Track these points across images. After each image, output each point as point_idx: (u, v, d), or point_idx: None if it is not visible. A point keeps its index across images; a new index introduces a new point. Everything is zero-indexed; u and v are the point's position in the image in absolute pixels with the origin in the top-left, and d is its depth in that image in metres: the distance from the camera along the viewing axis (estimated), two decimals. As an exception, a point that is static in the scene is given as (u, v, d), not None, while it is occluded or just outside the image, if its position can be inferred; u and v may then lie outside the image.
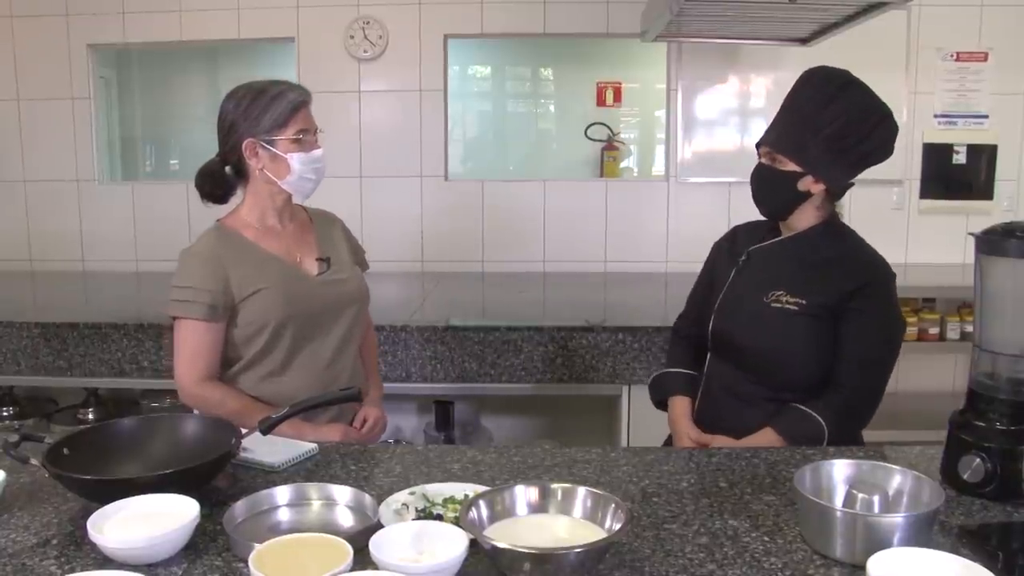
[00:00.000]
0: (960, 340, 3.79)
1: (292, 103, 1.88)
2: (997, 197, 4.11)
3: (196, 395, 1.87)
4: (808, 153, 1.78)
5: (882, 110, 1.79)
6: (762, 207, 1.90)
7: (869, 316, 1.80)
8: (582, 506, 1.29)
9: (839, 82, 1.81)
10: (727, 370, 1.94)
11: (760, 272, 1.91)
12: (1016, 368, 1.48)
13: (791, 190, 1.81)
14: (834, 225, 1.89)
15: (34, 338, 2.87)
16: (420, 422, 3.12)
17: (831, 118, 1.76)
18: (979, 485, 1.44)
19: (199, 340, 1.85)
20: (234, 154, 1.90)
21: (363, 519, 1.37)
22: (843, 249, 1.86)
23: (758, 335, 1.86)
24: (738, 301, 1.92)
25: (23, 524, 1.35)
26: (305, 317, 1.92)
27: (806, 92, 1.82)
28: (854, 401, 1.81)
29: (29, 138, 4.21)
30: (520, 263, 4.13)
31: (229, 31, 4.09)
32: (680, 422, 1.98)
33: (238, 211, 1.98)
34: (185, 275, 1.87)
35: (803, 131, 1.79)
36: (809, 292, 1.81)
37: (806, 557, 1.24)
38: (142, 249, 4.21)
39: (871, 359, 1.82)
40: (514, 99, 6.06)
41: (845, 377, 1.80)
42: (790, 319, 1.82)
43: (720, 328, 1.94)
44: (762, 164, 1.86)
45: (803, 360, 1.83)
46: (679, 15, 2.92)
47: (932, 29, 3.99)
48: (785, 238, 1.91)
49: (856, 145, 1.78)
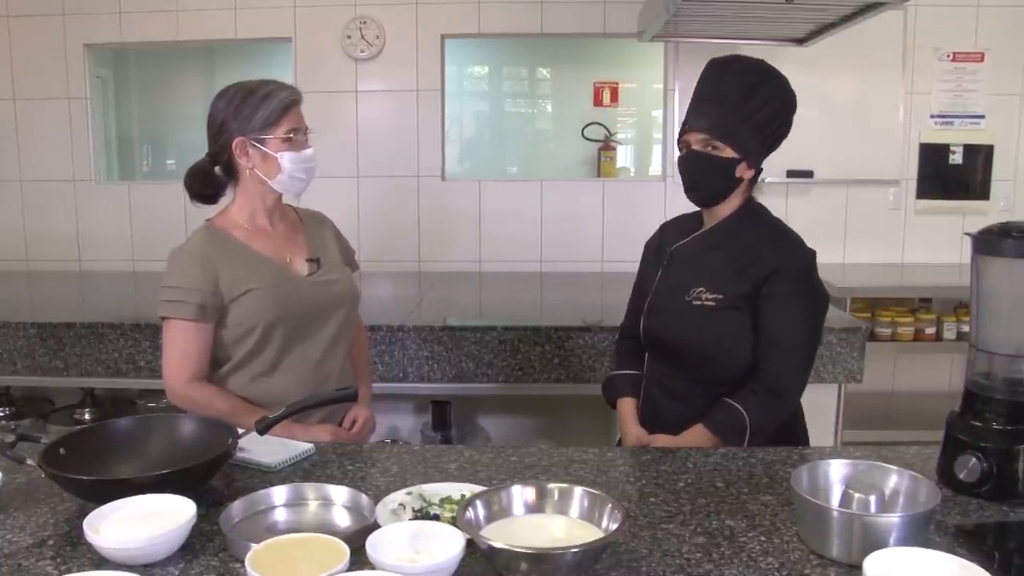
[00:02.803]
0: (957, 340, 3.80)
1: (283, 102, 1.87)
2: (993, 197, 4.13)
3: (184, 396, 1.85)
4: (742, 139, 1.81)
5: (794, 100, 1.85)
6: (698, 194, 1.88)
7: (782, 299, 1.80)
8: (579, 506, 1.29)
9: (759, 70, 1.84)
10: (663, 369, 1.96)
11: (682, 270, 1.93)
12: (1012, 368, 1.48)
13: (729, 177, 1.82)
14: (752, 208, 1.90)
15: (30, 338, 2.86)
16: (417, 422, 3.12)
17: (757, 106, 1.79)
18: (975, 485, 1.44)
19: (188, 340, 1.84)
20: (224, 153, 1.89)
21: (360, 519, 1.36)
22: (758, 236, 1.87)
23: (683, 333, 1.89)
24: (664, 300, 1.95)
25: (19, 524, 1.34)
26: (295, 318, 1.92)
27: (727, 80, 1.83)
28: (774, 385, 1.82)
29: (26, 138, 4.20)
30: (517, 263, 4.13)
31: (226, 31, 4.08)
32: (626, 423, 2.01)
33: (228, 211, 1.97)
34: (174, 275, 1.86)
35: (735, 118, 1.80)
36: (727, 286, 1.83)
37: (803, 557, 1.24)
38: (139, 249, 4.21)
39: (788, 342, 1.82)
40: (511, 99, 6.06)
41: (764, 361, 1.81)
42: (710, 315, 1.84)
43: (650, 328, 1.97)
44: (697, 152, 1.83)
45: (731, 354, 1.84)
46: (676, 15, 2.93)
47: (928, 29, 4.00)
48: (706, 231, 1.92)
49: (777, 131, 1.83)
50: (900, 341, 3.81)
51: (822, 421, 2.74)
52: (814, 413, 2.72)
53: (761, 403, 1.80)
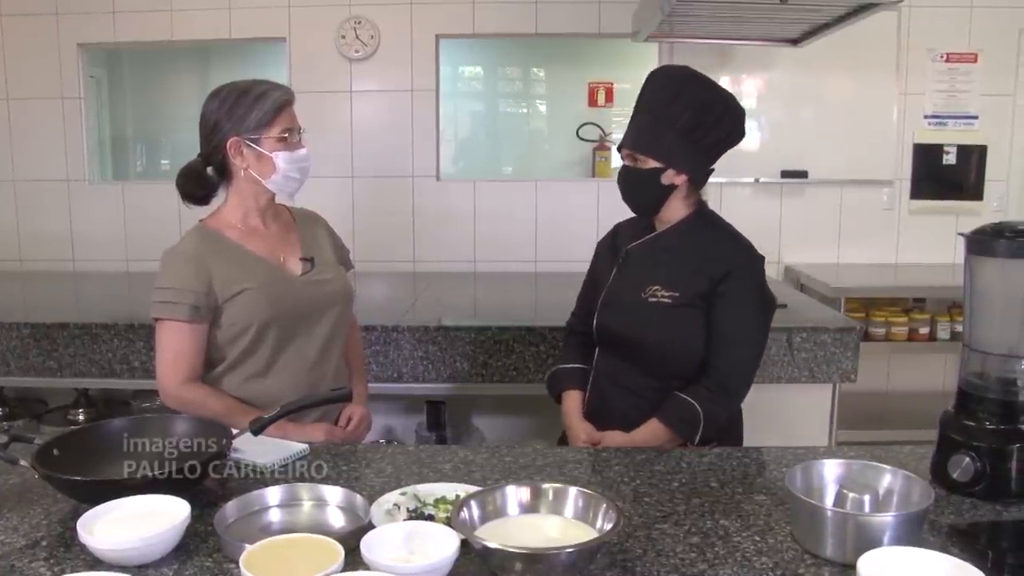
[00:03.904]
0: (950, 340, 3.81)
1: (277, 102, 1.87)
2: (987, 197, 4.14)
3: (178, 397, 1.85)
4: (665, 148, 1.87)
5: (724, 99, 1.89)
6: (632, 205, 1.99)
7: (734, 298, 1.88)
8: (573, 506, 1.29)
9: (681, 77, 1.90)
10: (615, 363, 2.00)
11: (638, 269, 1.98)
12: (1005, 368, 1.49)
13: (656, 185, 1.89)
14: (704, 215, 1.98)
15: (24, 338, 2.85)
16: (411, 422, 3.11)
17: (679, 112, 1.84)
18: (969, 484, 1.45)
19: (182, 341, 1.84)
20: (218, 154, 1.89)
21: (354, 519, 1.36)
22: (712, 238, 1.95)
23: (639, 329, 1.94)
24: (619, 297, 1.99)
25: (12, 526, 1.34)
26: (289, 317, 1.91)
27: (653, 91, 1.91)
28: (724, 379, 1.88)
29: (19, 138, 4.18)
30: (512, 263, 4.13)
31: (220, 31, 4.08)
32: (571, 418, 2.04)
33: (221, 211, 1.97)
34: (168, 276, 1.86)
35: (657, 128, 1.87)
36: (683, 284, 1.89)
37: (797, 556, 1.25)
38: (132, 249, 4.19)
39: (738, 337, 1.89)
40: (506, 99, 6.06)
41: (715, 358, 1.88)
42: (667, 312, 1.89)
43: (604, 324, 2.01)
44: (625, 166, 1.94)
45: (685, 349, 1.90)
46: (671, 15, 2.93)
47: (922, 30, 4.01)
48: (659, 234, 1.99)
49: (707, 135, 1.87)
50: (894, 341, 3.82)
51: (816, 421, 2.75)
52: (808, 413, 2.74)
53: (713, 398, 1.86)
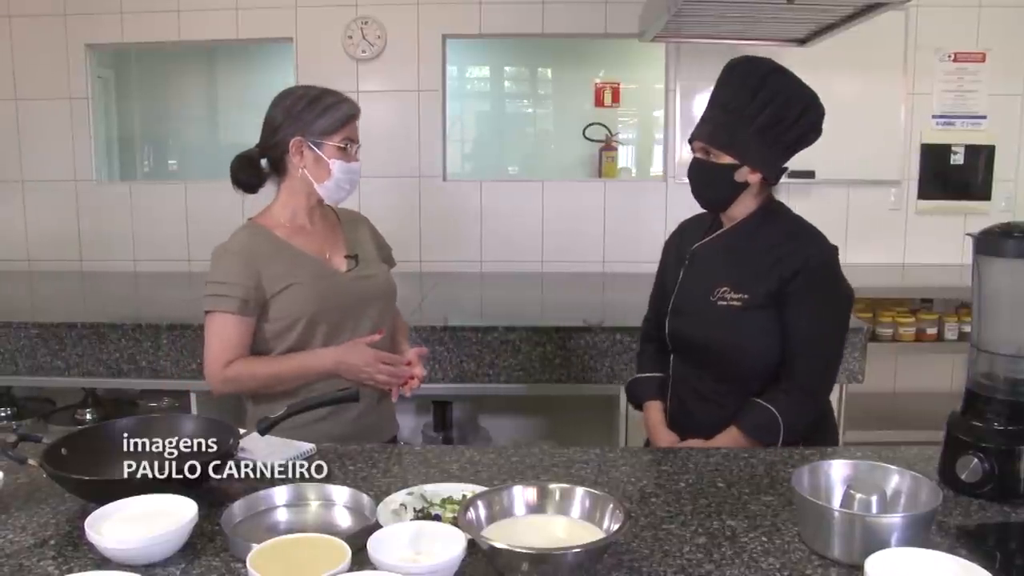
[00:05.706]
0: (958, 340, 3.79)
1: (346, 113, 1.96)
2: (995, 197, 4.12)
3: (224, 378, 1.87)
4: (742, 145, 1.80)
5: (807, 95, 1.82)
6: (702, 201, 1.92)
7: (808, 296, 1.80)
8: (580, 506, 1.29)
9: (763, 71, 1.82)
10: (690, 370, 1.95)
11: (704, 270, 1.92)
12: (1014, 368, 1.48)
13: (728, 182, 1.83)
14: (770, 210, 1.90)
15: (32, 338, 2.86)
16: (418, 422, 3.12)
17: (759, 108, 1.78)
18: (977, 485, 1.44)
19: (228, 330, 1.88)
20: (278, 149, 1.94)
21: (361, 519, 1.37)
22: (780, 233, 1.87)
23: (710, 334, 1.88)
24: (688, 301, 1.94)
25: (21, 524, 1.34)
26: (335, 312, 1.96)
27: (733, 84, 1.83)
28: (805, 382, 1.82)
29: (27, 138, 4.20)
30: (518, 263, 4.13)
31: (227, 31, 4.08)
32: (655, 430, 2.00)
33: (270, 209, 2.02)
34: (219, 271, 1.90)
35: (735, 123, 1.80)
36: (752, 285, 1.83)
37: (804, 557, 1.24)
38: (140, 249, 4.21)
39: (816, 338, 1.82)
40: (512, 99, 6.06)
41: (792, 360, 1.81)
42: (738, 316, 1.83)
43: (676, 329, 1.96)
44: (698, 159, 1.87)
45: (759, 353, 1.83)
46: (677, 15, 2.92)
47: (930, 30, 3.99)
48: (725, 230, 1.92)
49: (787, 132, 1.80)
50: (901, 341, 3.81)
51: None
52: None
53: (792, 402, 1.79)
